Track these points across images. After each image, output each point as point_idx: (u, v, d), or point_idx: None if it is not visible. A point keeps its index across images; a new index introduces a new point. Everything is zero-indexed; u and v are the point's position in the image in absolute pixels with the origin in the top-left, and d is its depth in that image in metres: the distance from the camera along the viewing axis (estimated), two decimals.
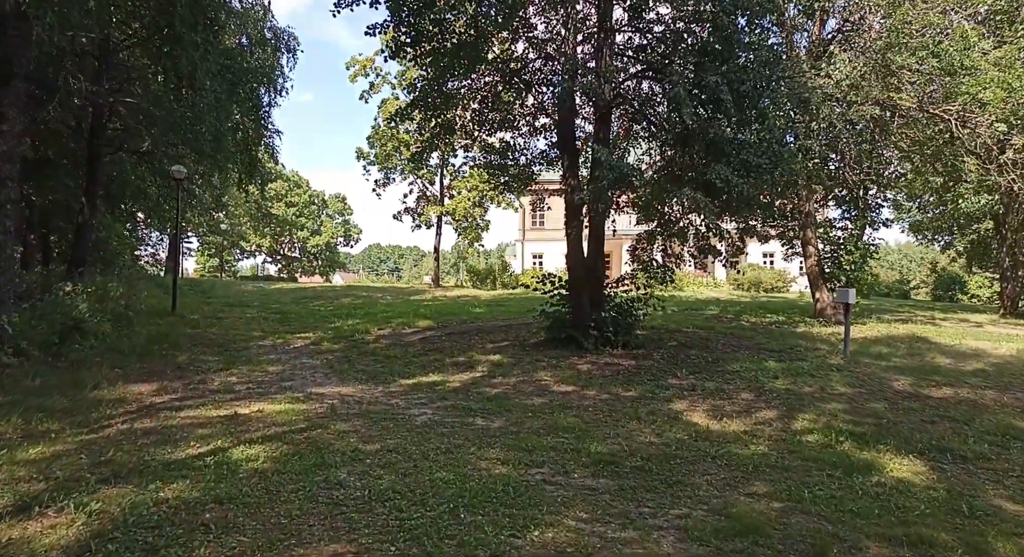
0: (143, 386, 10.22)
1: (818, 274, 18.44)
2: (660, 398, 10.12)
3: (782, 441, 7.75)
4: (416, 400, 10.05)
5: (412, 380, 11.61)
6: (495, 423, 8.63)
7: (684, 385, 10.96)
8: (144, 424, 7.91)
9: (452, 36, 14.68)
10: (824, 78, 13.74)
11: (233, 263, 77.68)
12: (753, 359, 12.64)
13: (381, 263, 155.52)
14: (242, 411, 8.75)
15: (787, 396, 9.97)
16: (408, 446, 7.30)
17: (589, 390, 10.76)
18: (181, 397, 9.63)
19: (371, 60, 35.36)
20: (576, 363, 12.83)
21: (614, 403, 9.87)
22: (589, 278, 14.47)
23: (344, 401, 9.76)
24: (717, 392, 10.35)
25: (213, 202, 33.05)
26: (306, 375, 11.98)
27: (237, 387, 10.59)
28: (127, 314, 15.97)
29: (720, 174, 10.85)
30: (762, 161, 11.28)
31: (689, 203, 10.99)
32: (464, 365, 12.96)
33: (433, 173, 37.98)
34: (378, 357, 13.85)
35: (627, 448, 7.40)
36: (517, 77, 16.11)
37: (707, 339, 14.92)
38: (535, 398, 10.23)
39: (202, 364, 12.49)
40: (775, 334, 15.85)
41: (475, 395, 10.45)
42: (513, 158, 17.41)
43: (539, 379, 11.58)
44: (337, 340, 15.81)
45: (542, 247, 48.57)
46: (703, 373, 11.71)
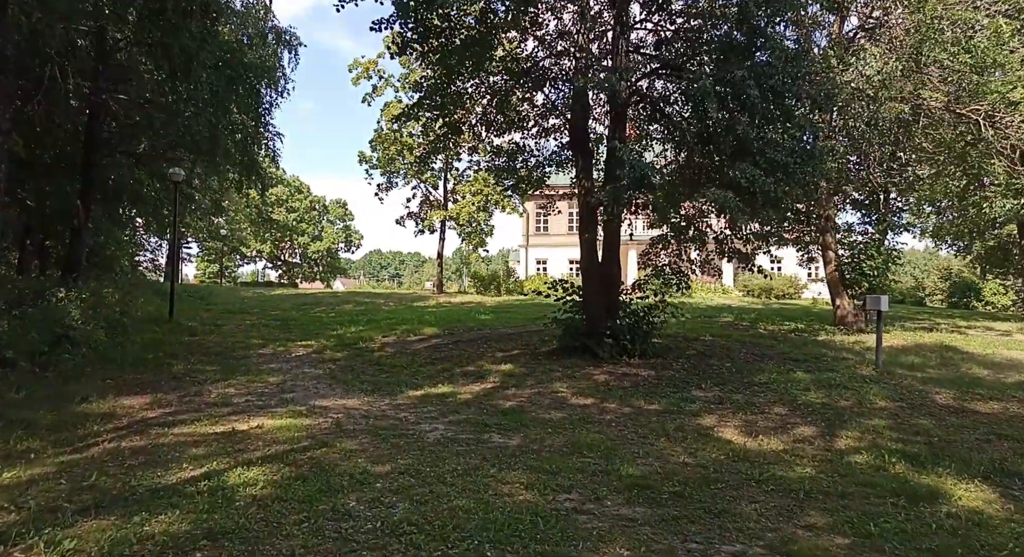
0: (135, 399, 9.58)
1: (838, 280, 17.80)
2: (686, 412, 9.48)
3: (828, 462, 7.11)
4: (426, 414, 9.42)
5: (420, 392, 10.98)
6: (513, 440, 7.99)
7: (710, 398, 10.32)
8: (133, 442, 7.27)
9: (460, 32, 14.12)
10: (852, 74, 13.13)
11: (233, 269, 77.06)
12: (780, 369, 11.99)
13: (382, 269, 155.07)
14: (240, 427, 8.12)
15: (824, 410, 9.32)
16: (422, 467, 6.66)
17: (609, 403, 10.12)
18: (175, 411, 9.00)
19: (374, 62, 34.84)
20: (592, 373, 12.20)
21: (637, 417, 9.23)
22: (604, 284, 13.85)
23: (349, 415, 9.13)
24: (747, 406, 9.71)
25: (213, 206, 32.35)
26: (308, 386, 11.36)
27: (235, 399, 9.96)
28: (122, 321, 15.38)
29: (747, 173, 10.24)
30: (791, 160, 10.66)
31: (716, 203, 10.35)
32: (474, 375, 12.33)
33: (437, 177, 37.40)
34: (383, 366, 13.23)
35: (661, 470, 6.76)
36: (527, 76, 15.53)
37: (727, 348, 14.28)
38: (552, 412, 9.60)
39: (199, 374, 11.87)
40: (797, 342, 15.20)
41: (488, 408, 9.81)
42: (522, 160, 16.84)
43: (555, 391, 10.95)
44: (340, 348, 15.20)
45: (546, 253, 47.93)
46: (728, 384, 11.06)
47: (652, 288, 14.38)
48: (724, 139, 10.93)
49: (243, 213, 62.68)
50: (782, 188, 10.52)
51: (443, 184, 37.45)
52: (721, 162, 11.34)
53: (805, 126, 11.25)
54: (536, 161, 16.79)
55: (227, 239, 64.14)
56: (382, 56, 35.16)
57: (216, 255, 69.19)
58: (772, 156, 10.67)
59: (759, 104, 10.27)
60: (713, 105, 9.87)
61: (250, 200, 59.92)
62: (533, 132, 16.90)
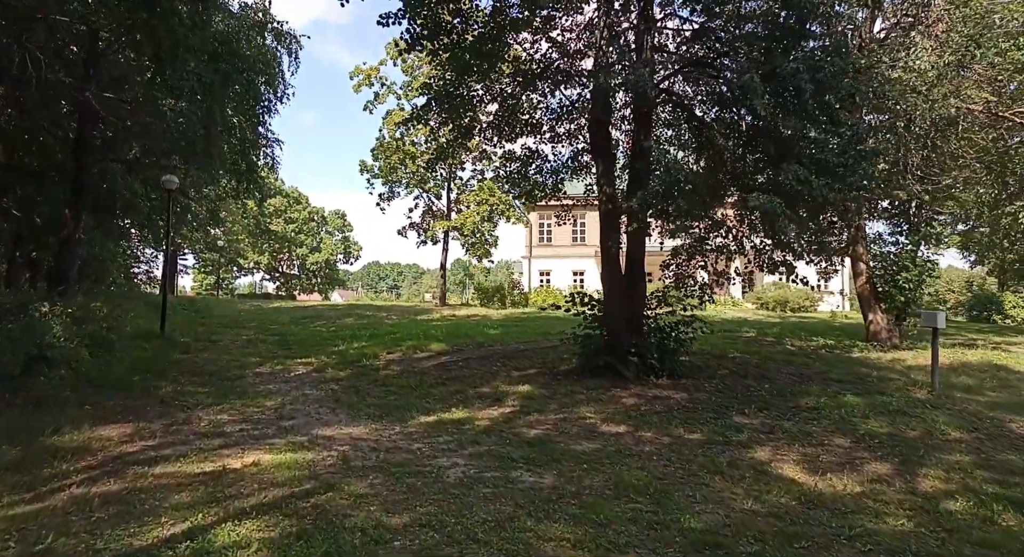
0: (114, 429, 8.53)
1: (870, 294, 16.80)
2: (734, 443, 8.45)
3: (923, 511, 6.08)
4: (442, 445, 8.38)
5: (433, 417, 9.94)
6: (545, 479, 6.95)
7: (756, 425, 9.28)
8: (105, 486, 6.22)
9: (473, 28, 13.21)
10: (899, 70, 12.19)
11: (231, 281, 75.96)
12: (825, 392, 10.97)
13: (380, 280, 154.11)
14: (232, 464, 7.07)
15: (892, 443, 8.28)
16: (445, 518, 5.63)
17: (644, 431, 9.08)
18: (159, 444, 7.94)
19: (376, 69, 33.96)
20: (619, 396, 11.16)
21: (680, 449, 8.20)
22: (627, 298, 12.84)
23: (356, 447, 8.09)
24: (802, 436, 8.67)
25: (209, 217, 31.33)
26: (309, 410, 10.31)
27: (228, 428, 8.90)
28: (108, 338, 14.30)
29: (797, 175, 9.25)
30: (840, 161, 9.68)
31: (760, 209, 9.35)
32: (490, 398, 11.30)
33: (440, 187, 36.44)
34: (390, 387, 12.19)
35: (727, 521, 5.73)
36: (541, 78, 14.60)
37: (760, 367, 13.26)
38: (583, 442, 8.56)
39: (189, 398, 10.82)
40: (832, 361, 14.20)
41: (511, 438, 8.78)
42: (536, 166, 15.89)
43: (582, 416, 9.91)
44: (342, 366, 14.16)
45: (549, 264, 46.94)
46: (773, 410, 10.03)
47: (676, 300, 13.39)
48: (768, 139, 9.98)
49: (241, 224, 61.70)
50: (837, 193, 9.54)
51: (446, 194, 36.49)
52: (762, 165, 10.37)
53: (857, 124, 10.28)
54: (551, 167, 15.86)
55: (224, 250, 63.07)
56: (384, 63, 34.38)
57: (213, 267, 68.13)
58: (821, 157, 9.70)
59: (809, 100, 9.30)
60: (761, 101, 8.90)
61: (248, 211, 59.03)
62: (547, 137, 16.01)
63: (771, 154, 9.98)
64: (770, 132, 10.03)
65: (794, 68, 9.02)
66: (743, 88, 9.07)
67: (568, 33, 14.62)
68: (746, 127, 11.24)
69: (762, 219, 10.41)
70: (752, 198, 9.27)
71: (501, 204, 34.12)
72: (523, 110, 15.46)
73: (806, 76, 8.92)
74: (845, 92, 9.96)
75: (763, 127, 10.09)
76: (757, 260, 11.76)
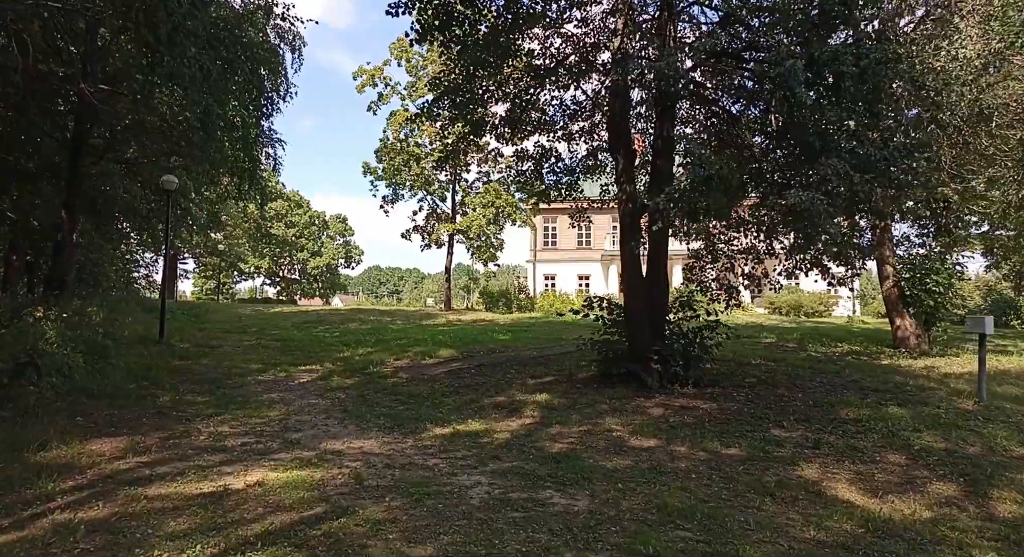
0: (107, 442, 7.88)
1: (898, 298, 16.14)
2: (778, 459, 7.80)
3: (1009, 542, 5.44)
4: (461, 460, 7.74)
5: (448, 429, 9.29)
6: (579, 501, 6.31)
7: (798, 439, 8.63)
8: (93, 511, 5.58)
9: (487, 18, 12.61)
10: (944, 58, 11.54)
11: (231, 285, 75.28)
12: (864, 402, 10.32)
13: (380, 285, 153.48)
14: (234, 484, 6.42)
15: (951, 460, 7.63)
16: (475, 548, 5.00)
17: (677, 445, 8.44)
18: (154, 460, 7.29)
19: (380, 69, 33.36)
20: (644, 406, 10.53)
21: (720, 466, 7.56)
22: (649, 302, 12.20)
23: (369, 463, 7.45)
24: (850, 451, 8.02)
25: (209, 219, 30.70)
26: (316, 421, 9.67)
27: (229, 442, 8.26)
28: (104, 344, 13.62)
29: (837, 170, 8.61)
30: (883, 154, 9.03)
31: (799, 206, 8.71)
32: (507, 408, 10.66)
33: (445, 189, 35.80)
34: (400, 396, 11.56)
35: (791, 552, 5.09)
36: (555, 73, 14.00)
37: (789, 375, 12.63)
38: (614, 457, 7.92)
39: (188, 407, 10.18)
40: (862, 368, 13.54)
41: (534, 452, 8.14)
42: (549, 165, 15.29)
43: (607, 428, 9.26)
44: (349, 373, 13.53)
45: (554, 268, 46.35)
46: (813, 422, 9.37)
47: (701, 304, 12.78)
48: (801, 132, 9.36)
49: (242, 228, 61.08)
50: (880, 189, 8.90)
51: (451, 196, 35.84)
52: (796, 159, 9.74)
53: (902, 115, 9.66)
54: (565, 166, 15.27)
55: (225, 254, 62.38)
56: (388, 64, 33.76)
57: (213, 271, 67.49)
58: (862, 151, 9.07)
59: (851, 88, 8.67)
60: (802, 89, 8.26)
61: (248, 215, 58.44)
62: (560, 135, 15.42)
63: (808, 148, 9.32)
64: (806, 124, 9.40)
65: (836, 53, 8.38)
66: (783, 75, 8.42)
67: (583, 27, 14.04)
68: (776, 119, 10.64)
69: (796, 217, 9.78)
70: (792, 194, 8.62)
71: (508, 206, 33.45)
72: (536, 106, 14.88)
73: (851, 61, 8.29)
74: (887, 80, 9.34)
75: (799, 119, 9.45)
76: (789, 261, 11.11)
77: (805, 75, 8.50)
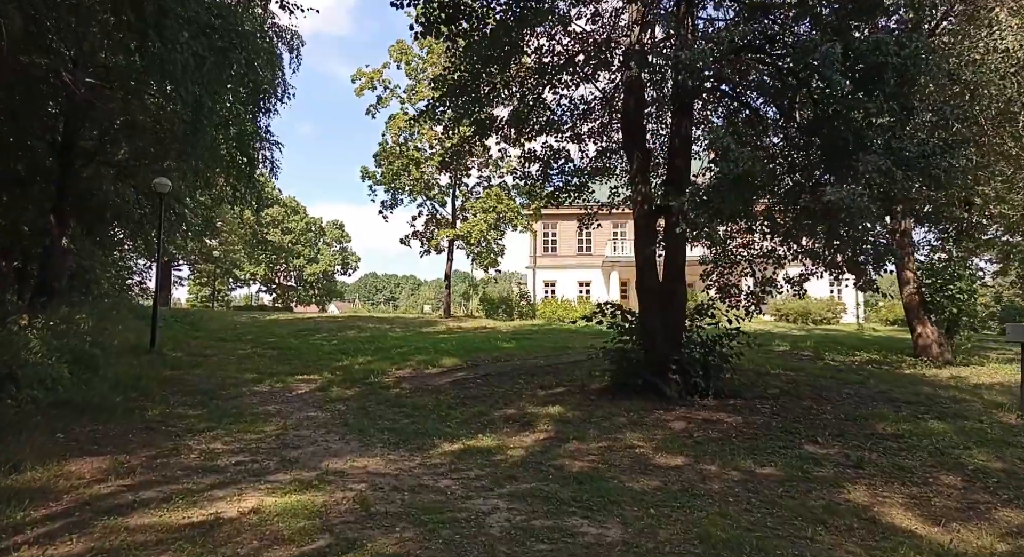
0: (87, 463, 7.21)
1: (919, 305, 15.54)
2: (819, 480, 7.17)
3: None
4: (474, 481, 7.10)
5: (457, 445, 8.65)
6: (611, 530, 5.68)
7: (836, 457, 8.01)
8: (66, 546, 4.92)
9: (496, 12, 12.05)
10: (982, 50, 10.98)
11: (226, 292, 74.48)
12: (899, 416, 9.73)
13: (377, 292, 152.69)
14: (227, 512, 5.77)
15: (1013, 482, 7.01)
16: None
17: (706, 463, 7.81)
18: (139, 482, 6.63)
19: (379, 72, 32.77)
20: (664, 418, 9.91)
21: (757, 488, 6.93)
22: (667, 308, 11.60)
23: (375, 485, 6.80)
24: (897, 471, 7.40)
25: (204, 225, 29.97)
26: (316, 437, 9.01)
27: (222, 461, 7.60)
28: (92, 353, 12.94)
29: (878, 166, 8.03)
30: (922, 150, 8.46)
31: (836, 204, 8.12)
32: (519, 421, 10.02)
33: (445, 193, 35.18)
34: (404, 408, 10.91)
35: None
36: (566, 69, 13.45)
37: (813, 385, 12.03)
38: (640, 478, 7.28)
39: (178, 421, 9.52)
40: (886, 378, 12.96)
41: (553, 472, 7.50)
42: (557, 165, 14.73)
43: (629, 444, 8.64)
44: (349, 383, 12.89)
45: (554, 274, 45.70)
46: (849, 438, 8.76)
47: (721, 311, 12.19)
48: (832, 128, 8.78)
49: (237, 234, 60.36)
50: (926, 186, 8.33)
51: (451, 201, 35.23)
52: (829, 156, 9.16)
53: (944, 109, 9.07)
54: (574, 167, 14.70)
55: (220, 261, 61.62)
56: (387, 66, 33.17)
57: (208, 278, 66.68)
58: (900, 146, 8.49)
59: (892, 80, 8.10)
60: (839, 78, 7.69)
61: (244, 221, 57.75)
62: (569, 135, 14.86)
63: (840, 144, 8.74)
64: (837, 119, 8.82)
65: (878, 42, 7.81)
66: (817, 63, 7.85)
67: (593, 23, 13.49)
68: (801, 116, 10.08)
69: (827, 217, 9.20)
70: (830, 191, 8.03)
71: (509, 211, 32.82)
72: (544, 105, 14.33)
73: (894, 49, 7.71)
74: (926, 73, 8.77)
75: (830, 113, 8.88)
76: (817, 265, 10.51)
77: (841, 65, 7.93)
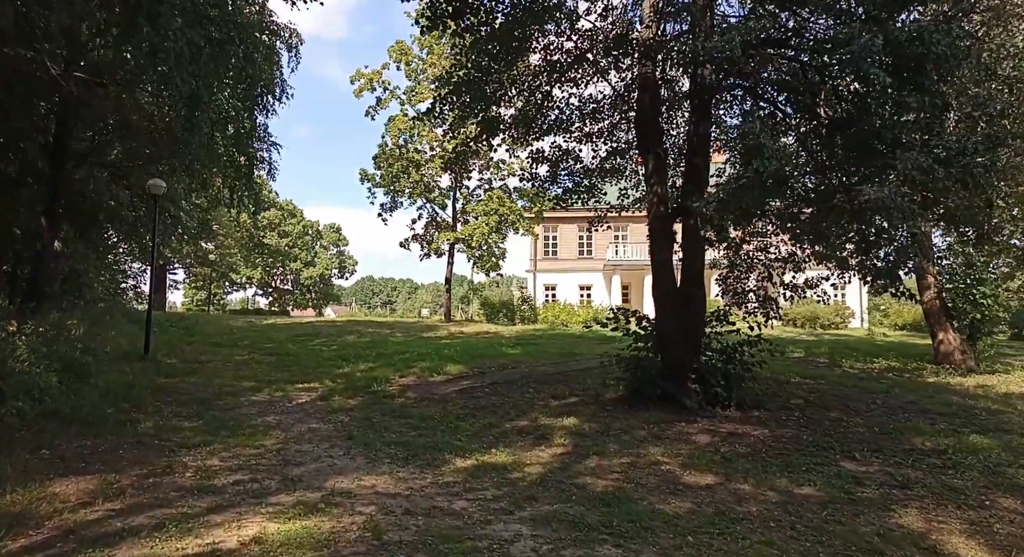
0: (73, 483, 6.67)
1: (940, 310, 15.05)
2: (865, 502, 6.65)
3: None
4: (492, 502, 6.57)
5: (470, 460, 8.12)
6: None
7: (878, 475, 7.49)
8: None
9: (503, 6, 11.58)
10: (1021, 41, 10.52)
11: (222, 296, 73.79)
12: (937, 429, 9.23)
13: (374, 296, 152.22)
14: (226, 541, 5.24)
15: None
16: None
17: (739, 482, 7.29)
18: (128, 506, 6.09)
19: (378, 73, 32.21)
20: (687, 431, 9.40)
21: (798, 511, 6.40)
22: (685, 314, 11.09)
23: (385, 508, 6.27)
24: (949, 493, 6.87)
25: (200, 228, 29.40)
26: (319, 452, 8.47)
27: (220, 480, 7.05)
28: (83, 361, 12.37)
29: (919, 164, 7.53)
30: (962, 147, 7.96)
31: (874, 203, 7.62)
32: (533, 433, 9.51)
33: (445, 196, 34.61)
34: (411, 419, 10.37)
35: None
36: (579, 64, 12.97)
37: (836, 395, 11.55)
38: (671, 499, 6.76)
39: (172, 435, 8.97)
40: (910, 387, 12.48)
41: (575, 491, 6.98)
42: (566, 166, 14.25)
43: (653, 460, 8.12)
44: (351, 392, 12.36)
45: (554, 278, 45.16)
46: (888, 453, 8.24)
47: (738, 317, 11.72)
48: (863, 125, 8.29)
49: (233, 237, 59.74)
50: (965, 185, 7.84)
51: (452, 204, 34.65)
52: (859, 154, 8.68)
53: (986, 104, 8.60)
54: (584, 168, 14.22)
55: (216, 265, 60.95)
56: (387, 67, 32.62)
57: (204, 282, 66.02)
58: (939, 143, 8.00)
59: (935, 72, 7.62)
60: (878, 72, 7.20)
61: (241, 224, 57.19)
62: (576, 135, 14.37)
63: (878, 140, 8.25)
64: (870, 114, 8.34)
65: (921, 31, 7.32)
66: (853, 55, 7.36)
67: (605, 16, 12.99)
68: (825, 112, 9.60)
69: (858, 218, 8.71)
70: (868, 190, 7.52)
71: (512, 213, 32.26)
72: (552, 104, 13.84)
73: (940, 39, 7.21)
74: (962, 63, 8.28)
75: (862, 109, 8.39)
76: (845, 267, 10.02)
77: (880, 57, 7.44)
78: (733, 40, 7.76)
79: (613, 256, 40.99)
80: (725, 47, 7.77)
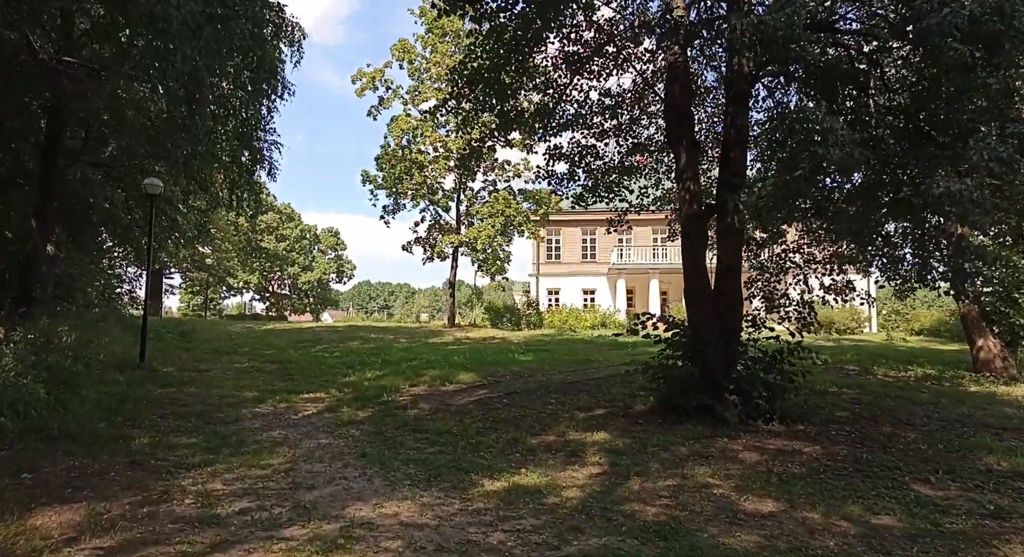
0: (57, 514, 5.86)
1: (979, 316, 14.32)
2: (957, 536, 5.85)
3: None
4: (532, 534, 5.77)
5: (499, 482, 7.31)
6: None
7: (960, 502, 6.69)
8: None
9: None
10: None
11: (219, 301, 72.89)
12: (1009, 447, 8.47)
13: (371, 300, 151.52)
14: None
15: None
16: None
17: (806, 510, 6.49)
18: (119, 543, 5.28)
19: (381, 72, 31.43)
20: (731, 448, 8.62)
21: (884, 546, 5.61)
22: (722, 318, 10.33)
23: (412, 542, 5.47)
24: None
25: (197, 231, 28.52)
26: (332, 472, 7.66)
27: (223, 508, 6.23)
28: (74, 370, 11.56)
29: (996, 154, 6.79)
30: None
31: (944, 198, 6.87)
32: (562, 450, 8.72)
33: (449, 198, 33.81)
34: (427, 434, 9.56)
35: None
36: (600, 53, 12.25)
37: (881, 406, 10.79)
38: (733, 530, 5.96)
39: (169, 453, 8.16)
40: (955, 397, 11.74)
41: (623, 520, 6.18)
42: (586, 163, 13.52)
43: (702, 482, 7.32)
44: (360, 403, 11.57)
45: (557, 282, 44.54)
46: (963, 475, 7.46)
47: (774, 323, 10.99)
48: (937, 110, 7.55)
49: (231, 241, 58.92)
50: None
51: (456, 206, 33.86)
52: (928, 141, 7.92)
53: None
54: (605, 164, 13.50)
55: (213, 269, 60.07)
56: (389, 66, 31.88)
57: (201, 286, 65.15)
58: (1013, 131, 7.27)
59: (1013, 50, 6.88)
60: (961, 47, 6.45)
61: (238, 227, 56.40)
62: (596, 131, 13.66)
63: (943, 131, 7.50)
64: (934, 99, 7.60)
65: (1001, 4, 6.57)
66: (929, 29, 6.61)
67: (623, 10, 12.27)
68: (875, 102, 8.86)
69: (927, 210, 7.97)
70: (946, 182, 6.77)
71: (518, 215, 31.47)
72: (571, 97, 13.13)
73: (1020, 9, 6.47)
74: None
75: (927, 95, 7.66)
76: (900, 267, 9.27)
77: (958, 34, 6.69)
78: (791, 17, 6.98)
79: (617, 260, 40.36)
80: (784, 24, 7.00)
